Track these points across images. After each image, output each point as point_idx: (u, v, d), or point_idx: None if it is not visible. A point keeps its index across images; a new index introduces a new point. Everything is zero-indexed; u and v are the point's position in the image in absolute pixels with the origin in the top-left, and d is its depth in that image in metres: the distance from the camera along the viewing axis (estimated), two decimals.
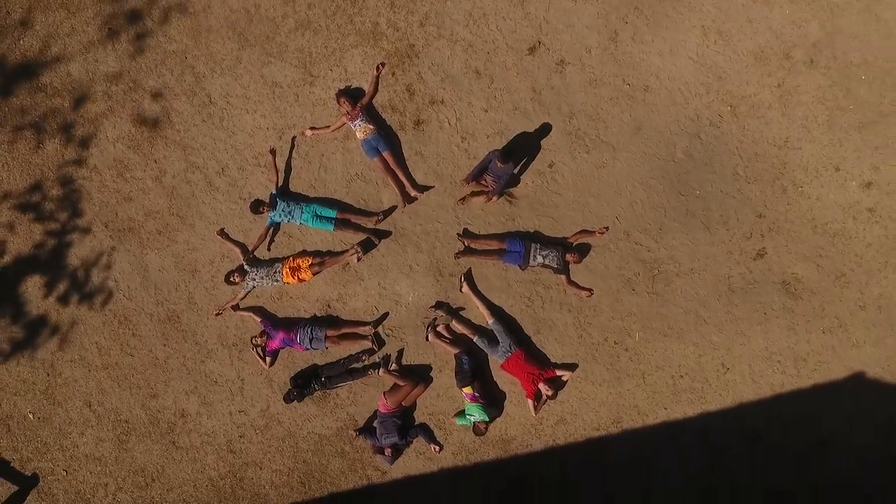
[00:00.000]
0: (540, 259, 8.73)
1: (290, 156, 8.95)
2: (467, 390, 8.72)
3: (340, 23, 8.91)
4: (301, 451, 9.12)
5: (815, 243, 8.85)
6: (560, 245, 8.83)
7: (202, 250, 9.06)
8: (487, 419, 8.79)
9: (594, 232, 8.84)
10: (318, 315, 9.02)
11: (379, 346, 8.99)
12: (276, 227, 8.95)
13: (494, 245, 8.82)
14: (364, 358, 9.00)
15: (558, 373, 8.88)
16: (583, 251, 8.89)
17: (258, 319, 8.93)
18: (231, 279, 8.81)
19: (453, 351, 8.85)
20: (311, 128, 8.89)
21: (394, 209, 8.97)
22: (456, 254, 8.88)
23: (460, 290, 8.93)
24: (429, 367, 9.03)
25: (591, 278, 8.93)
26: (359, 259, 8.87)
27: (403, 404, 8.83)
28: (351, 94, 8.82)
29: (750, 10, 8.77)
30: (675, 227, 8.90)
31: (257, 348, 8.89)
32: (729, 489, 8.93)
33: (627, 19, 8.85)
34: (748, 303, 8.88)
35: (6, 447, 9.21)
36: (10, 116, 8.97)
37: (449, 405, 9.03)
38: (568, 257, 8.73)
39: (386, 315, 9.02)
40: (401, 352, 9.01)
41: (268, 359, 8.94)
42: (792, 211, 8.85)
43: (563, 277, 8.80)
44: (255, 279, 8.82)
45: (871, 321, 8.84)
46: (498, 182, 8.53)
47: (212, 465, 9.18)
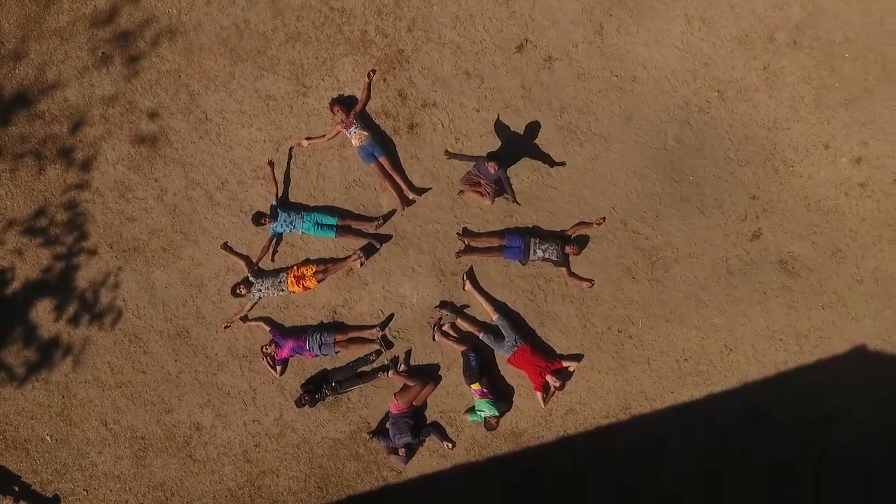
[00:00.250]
0: (540, 253, 8.86)
1: (288, 167, 9.08)
2: (476, 387, 8.86)
3: (329, 33, 9.05)
4: (316, 457, 9.25)
5: (809, 221, 8.98)
6: (559, 238, 8.96)
7: (207, 265, 9.19)
8: (498, 414, 8.93)
9: (591, 223, 8.97)
10: (325, 322, 9.15)
11: (387, 347, 9.11)
12: (278, 237, 9.08)
13: (494, 242, 8.95)
14: (373, 360, 9.13)
15: (564, 364, 9.01)
16: (581, 243, 9.02)
17: (267, 329, 9.06)
18: (237, 292, 8.94)
19: (460, 349, 8.98)
20: (307, 138, 9.01)
21: (393, 213, 9.10)
22: (457, 253, 9.01)
23: (463, 289, 9.06)
24: (437, 366, 9.16)
25: (592, 269, 9.07)
26: (362, 264, 9.00)
27: (414, 404, 8.96)
28: (344, 103, 8.95)
29: None
30: (670, 214, 9.04)
31: (267, 357, 9.02)
32: (735, 471, 9.07)
33: (612, 12, 8.98)
34: (747, 283, 9.02)
35: (26, 470, 9.35)
36: (11, 145, 9.10)
37: (459, 402, 9.16)
38: (567, 250, 8.86)
39: (392, 317, 9.15)
40: (408, 353, 9.14)
41: (278, 367, 9.07)
42: (785, 191, 8.98)
43: (563, 270, 8.93)
44: (260, 290, 8.95)
45: (869, 294, 8.97)
46: (492, 184, 8.67)
47: (229, 476, 9.31)
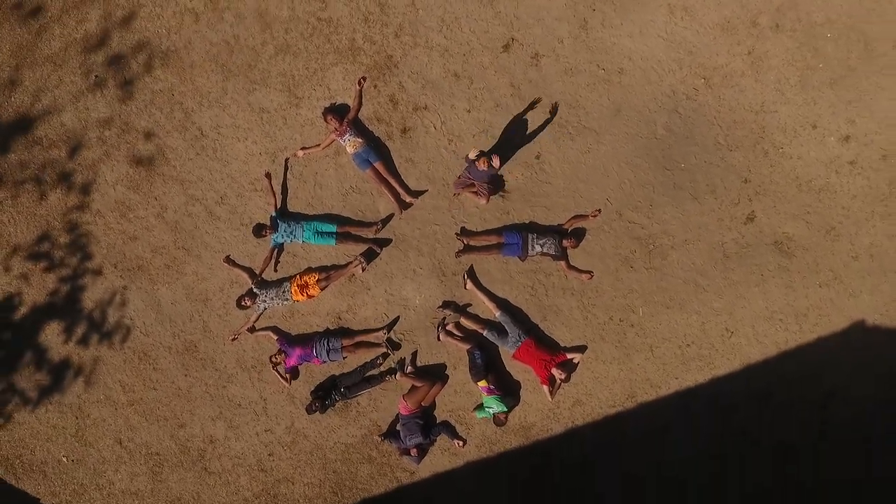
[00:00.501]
0: (538, 248, 8.98)
1: (285, 177, 9.20)
2: (483, 384, 8.98)
3: (318, 43, 9.17)
4: (330, 462, 9.37)
5: (801, 201, 9.10)
6: (556, 232, 9.08)
7: (211, 279, 9.31)
8: (506, 409, 9.04)
9: (587, 215, 9.08)
10: (331, 328, 9.27)
11: (393, 350, 9.24)
12: (279, 248, 9.20)
13: (493, 240, 9.07)
14: (380, 364, 9.25)
15: (569, 356, 9.13)
16: (579, 235, 9.13)
17: (274, 338, 9.19)
18: (242, 303, 9.06)
19: (465, 347, 9.10)
20: (302, 148, 9.13)
21: (391, 217, 9.22)
22: (456, 253, 9.12)
23: (465, 288, 9.18)
24: (443, 366, 9.28)
25: (590, 261, 9.19)
26: (363, 269, 9.12)
27: (423, 404, 9.08)
28: (337, 111, 9.07)
29: None
30: (664, 202, 9.15)
31: (277, 367, 9.13)
32: (739, 453, 9.18)
33: (595, 6, 9.10)
34: (744, 266, 9.13)
35: (45, 493, 9.47)
36: (11, 172, 9.23)
37: (467, 400, 9.28)
38: (565, 243, 8.97)
39: (396, 320, 9.27)
40: (414, 354, 9.26)
41: (288, 377, 9.19)
42: (776, 172, 9.10)
43: (562, 263, 9.05)
44: (265, 301, 9.07)
45: (865, 270, 9.09)
46: (486, 184, 8.79)
47: (245, 486, 9.43)
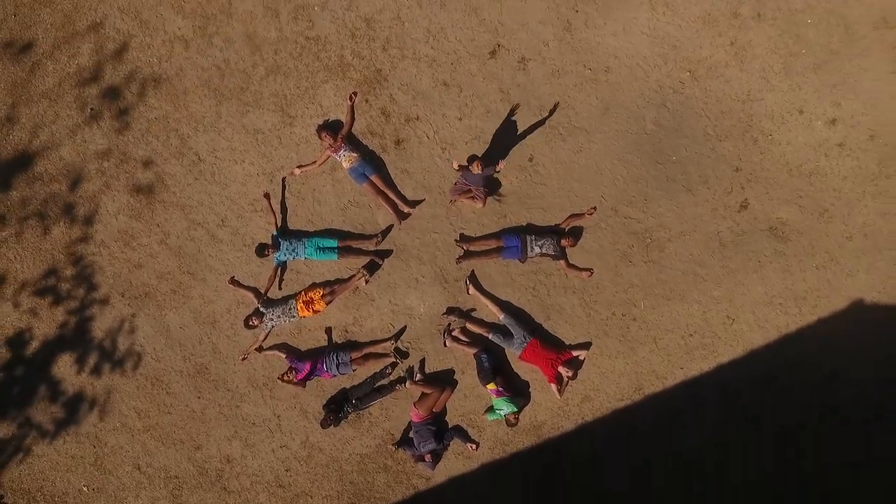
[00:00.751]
0: (537, 249, 9.11)
1: (284, 196, 9.33)
2: (491, 386, 9.10)
3: (308, 62, 9.29)
4: (346, 473, 9.50)
5: (793, 186, 9.23)
6: (554, 232, 9.21)
7: (217, 301, 9.44)
8: (516, 409, 9.16)
9: (583, 214, 9.21)
10: (339, 342, 9.40)
11: (401, 359, 9.36)
12: (283, 266, 9.33)
13: (492, 244, 9.20)
14: (389, 373, 9.38)
15: (574, 353, 9.26)
16: (576, 234, 9.27)
17: (283, 356, 9.31)
18: (250, 323, 9.19)
19: (472, 351, 9.22)
20: (299, 166, 9.26)
21: (391, 228, 9.35)
22: (457, 259, 9.25)
23: (467, 293, 9.31)
24: (452, 371, 9.41)
25: (589, 258, 9.32)
26: (367, 281, 9.25)
27: (434, 411, 9.21)
28: (330, 128, 9.19)
29: None
30: (658, 195, 9.28)
31: (288, 375, 9.23)
32: (744, 442, 9.31)
33: (577, 7, 9.23)
34: (741, 253, 9.27)
35: None
36: (14, 209, 9.35)
37: (477, 404, 9.41)
38: (563, 243, 9.10)
39: (402, 329, 9.39)
40: (422, 361, 9.39)
41: (299, 386, 9.31)
42: (766, 159, 9.23)
43: (562, 262, 9.18)
44: (272, 319, 9.20)
45: (860, 250, 9.22)
46: (481, 187, 8.92)
47: (265, 503, 9.56)
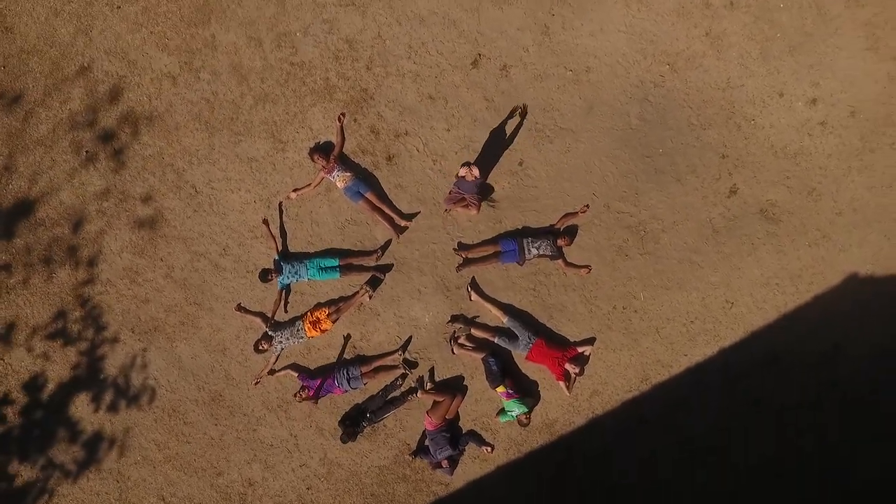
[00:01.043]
0: (534, 251, 9.27)
1: (282, 220, 9.50)
2: (501, 389, 9.26)
3: (294, 87, 9.46)
4: (366, 486, 9.66)
5: (780, 167, 9.40)
6: (549, 233, 9.37)
7: (226, 329, 9.61)
8: (527, 409, 9.32)
9: (577, 212, 9.38)
10: (348, 357, 9.57)
11: (411, 369, 9.53)
12: (287, 289, 9.49)
13: (490, 250, 9.35)
14: (400, 385, 9.55)
15: (580, 349, 9.41)
16: (571, 233, 9.43)
17: (295, 376, 9.47)
18: (259, 347, 9.36)
19: (479, 356, 9.38)
20: (294, 190, 9.42)
21: (389, 242, 9.51)
22: (457, 267, 9.40)
23: (470, 300, 9.48)
24: (461, 378, 9.58)
25: (586, 255, 9.48)
26: (370, 297, 9.42)
27: (447, 417, 9.37)
28: (322, 150, 9.36)
29: None
30: (649, 188, 9.45)
31: (301, 393, 9.40)
32: (750, 424, 9.46)
33: (553, 11, 9.40)
34: (734, 238, 9.44)
35: None
36: (19, 256, 9.51)
37: (489, 407, 9.58)
38: (559, 242, 9.26)
39: (409, 340, 9.56)
40: (432, 370, 9.56)
41: (312, 403, 9.47)
42: (751, 144, 9.39)
43: (560, 262, 9.34)
44: (281, 342, 9.36)
45: (851, 224, 9.39)
46: (475, 194, 9.09)
47: None
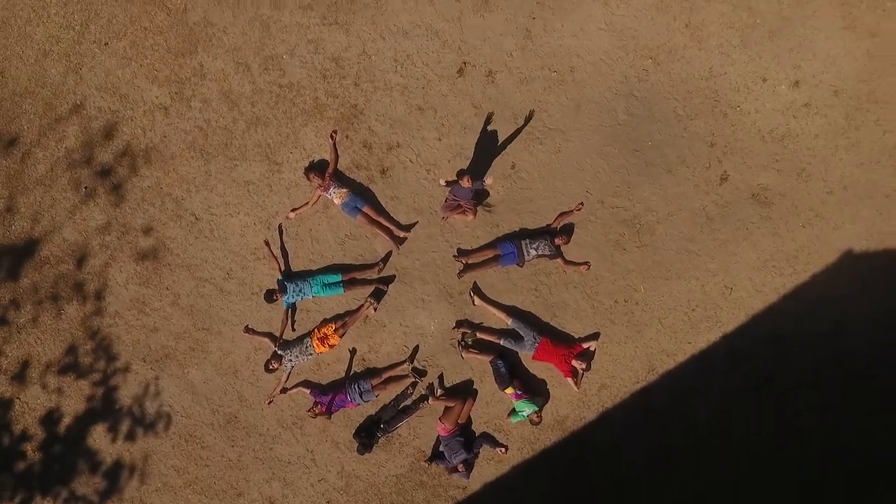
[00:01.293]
0: (533, 252, 9.40)
1: (282, 241, 9.63)
2: (510, 390, 9.39)
3: (285, 108, 9.59)
4: (385, 496, 9.79)
5: (768, 151, 9.53)
6: (547, 233, 9.50)
7: (236, 352, 9.74)
8: (537, 408, 9.44)
9: (572, 210, 9.51)
10: (358, 370, 9.70)
11: (420, 377, 9.66)
12: (293, 308, 9.62)
13: (489, 254, 9.49)
14: (411, 393, 9.68)
15: (585, 345, 9.54)
16: (568, 231, 9.56)
17: (307, 392, 9.60)
18: (270, 367, 9.49)
19: (487, 359, 9.51)
20: (293, 209, 9.54)
21: (390, 254, 9.64)
22: (458, 274, 9.53)
23: (473, 304, 9.60)
24: (470, 382, 9.71)
25: (584, 252, 9.61)
26: (375, 309, 9.55)
27: (460, 422, 9.49)
28: (317, 168, 9.49)
29: None
30: (641, 181, 9.59)
31: (315, 409, 9.54)
32: (745, 412, 9.60)
33: (534, 15, 9.53)
34: (729, 224, 9.57)
35: None
36: (27, 296, 9.64)
37: (499, 409, 9.70)
38: (557, 241, 9.39)
39: (416, 349, 9.69)
40: (441, 377, 9.69)
41: (326, 418, 9.60)
42: (738, 130, 9.53)
43: (559, 260, 9.47)
44: (291, 360, 9.50)
45: (842, 202, 9.52)
46: (471, 200, 9.23)
47: None
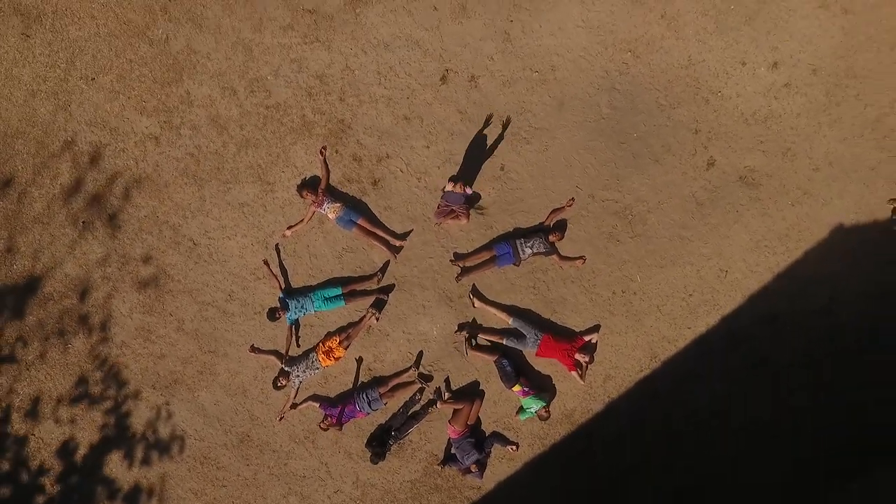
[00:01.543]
0: (529, 250, 9.53)
1: (281, 259, 9.75)
2: (517, 388, 9.53)
3: (273, 129, 9.70)
4: (402, 502, 9.92)
5: (752, 134, 9.65)
6: (540, 231, 9.62)
7: (243, 372, 9.87)
8: (545, 403, 9.58)
9: (563, 207, 9.62)
10: (365, 380, 9.83)
11: (427, 383, 9.79)
12: (296, 324, 9.74)
13: (485, 256, 9.61)
14: (419, 399, 9.81)
15: (587, 338, 9.67)
16: (562, 227, 9.68)
17: (317, 406, 9.73)
18: (278, 384, 9.61)
19: (491, 359, 9.64)
20: (288, 227, 9.65)
21: (388, 264, 9.76)
22: (456, 278, 9.66)
23: (474, 307, 9.73)
24: (477, 383, 9.84)
25: (579, 246, 9.74)
26: (377, 319, 9.68)
27: (469, 423, 9.62)
28: (309, 185, 9.61)
29: None
30: (629, 173, 9.71)
31: (325, 422, 9.67)
32: (743, 392, 9.79)
33: (512, 17, 9.63)
34: (719, 208, 9.69)
35: None
36: (33, 333, 9.76)
37: (507, 407, 9.84)
38: (551, 238, 9.51)
39: (421, 355, 9.81)
40: (447, 380, 9.82)
41: (337, 430, 9.73)
42: (721, 115, 9.64)
43: (554, 257, 9.59)
44: (298, 375, 9.62)
45: (829, 178, 9.65)
46: (463, 204, 9.35)
47: None
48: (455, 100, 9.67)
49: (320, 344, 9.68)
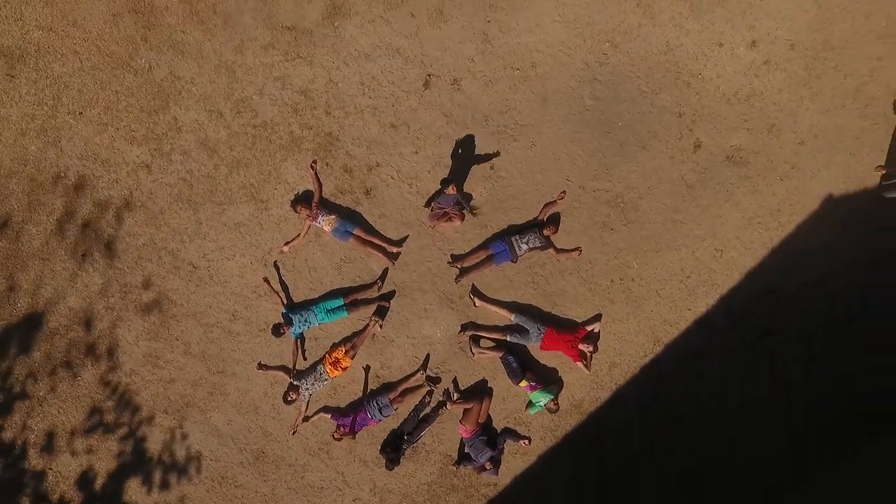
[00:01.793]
0: (525, 246, 9.63)
1: (280, 275, 9.84)
2: (524, 383, 9.63)
3: (263, 147, 9.79)
4: None
5: (736, 113, 9.75)
6: (535, 226, 9.72)
7: (253, 389, 9.96)
8: (553, 396, 9.69)
9: (555, 200, 9.73)
10: (374, 388, 9.93)
11: (435, 385, 9.88)
12: (301, 338, 9.83)
13: (482, 255, 9.71)
14: (429, 401, 9.91)
15: (589, 328, 9.78)
16: (555, 221, 9.79)
17: (328, 417, 9.83)
18: (288, 399, 9.71)
19: (497, 356, 9.75)
20: (286, 243, 9.74)
21: (387, 271, 9.86)
22: (455, 279, 9.76)
23: (475, 306, 9.83)
24: (484, 381, 9.94)
25: (574, 238, 9.84)
26: (381, 326, 9.78)
27: (480, 422, 9.73)
28: (303, 199, 9.70)
29: None
30: (617, 162, 9.81)
31: (338, 432, 9.76)
32: (740, 375, 9.92)
33: (489, 18, 9.73)
34: (709, 189, 9.80)
35: None
36: (42, 368, 9.85)
37: (517, 403, 9.95)
38: (546, 232, 9.61)
39: (427, 358, 9.91)
40: (455, 381, 9.92)
41: (351, 438, 9.83)
42: (703, 97, 9.75)
43: (550, 250, 9.69)
44: (307, 389, 9.72)
45: (815, 150, 9.75)
46: (456, 206, 9.45)
47: None
48: (439, 104, 9.76)
49: (327, 355, 9.78)
